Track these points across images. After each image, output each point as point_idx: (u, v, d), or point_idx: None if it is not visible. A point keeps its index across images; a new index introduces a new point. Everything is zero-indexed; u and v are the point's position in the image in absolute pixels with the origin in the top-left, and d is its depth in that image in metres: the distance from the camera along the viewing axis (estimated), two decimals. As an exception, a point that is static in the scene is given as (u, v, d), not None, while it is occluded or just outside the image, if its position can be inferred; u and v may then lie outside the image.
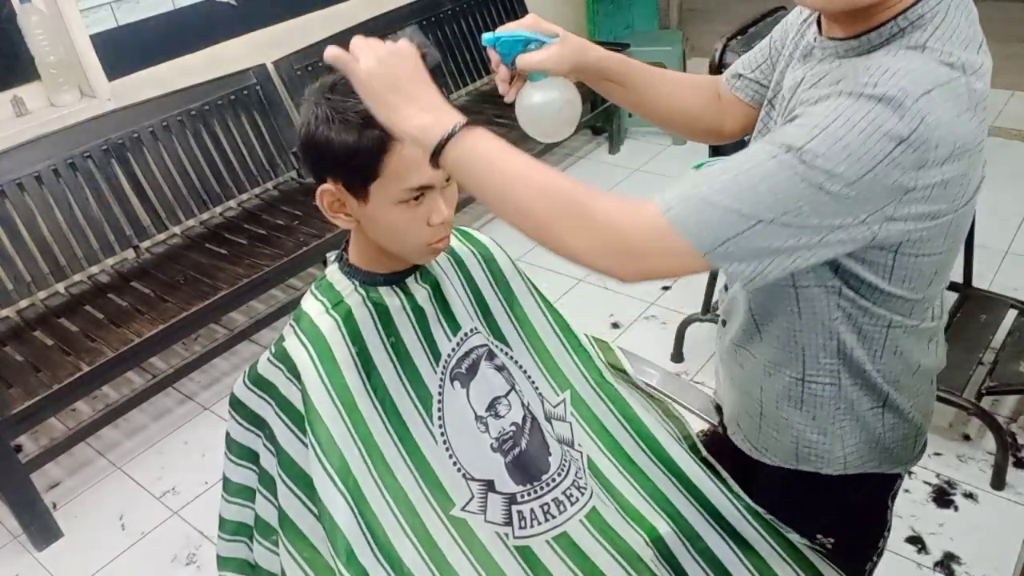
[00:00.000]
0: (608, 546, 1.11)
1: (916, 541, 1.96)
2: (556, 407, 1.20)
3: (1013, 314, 2.36)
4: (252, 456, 1.14)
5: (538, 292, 1.24)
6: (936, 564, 1.90)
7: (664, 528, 1.15)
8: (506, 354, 1.17)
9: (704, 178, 0.82)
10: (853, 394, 1.04)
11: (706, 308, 2.56)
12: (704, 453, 1.23)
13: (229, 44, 2.95)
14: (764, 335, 1.07)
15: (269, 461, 1.10)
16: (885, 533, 1.20)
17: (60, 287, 2.58)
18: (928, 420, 1.12)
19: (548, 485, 1.12)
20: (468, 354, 1.12)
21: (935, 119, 0.76)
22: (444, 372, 1.10)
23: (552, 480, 1.12)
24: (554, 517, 1.11)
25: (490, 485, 1.10)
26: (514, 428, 1.12)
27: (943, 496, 2.06)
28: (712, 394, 1.40)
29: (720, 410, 1.29)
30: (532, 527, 1.10)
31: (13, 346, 2.36)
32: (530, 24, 1.07)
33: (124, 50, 2.67)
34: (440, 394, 1.09)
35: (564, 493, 1.12)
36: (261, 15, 3.02)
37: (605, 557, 1.10)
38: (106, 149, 2.59)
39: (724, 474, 1.21)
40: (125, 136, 2.63)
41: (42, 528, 2.21)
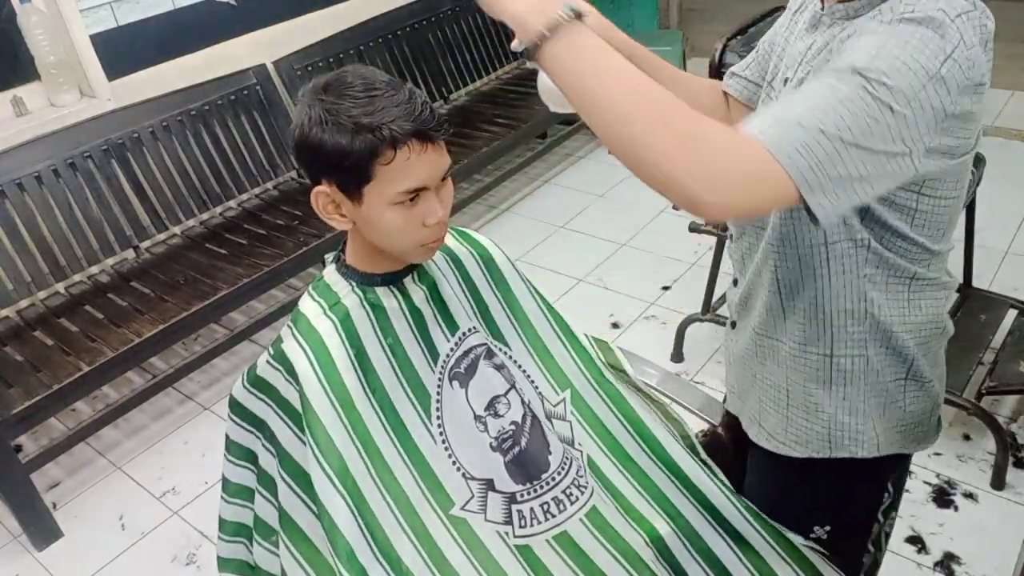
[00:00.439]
0: (608, 545, 1.11)
1: (916, 541, 1.96)
2: (556, 406, 1.20)
3: (1013, 314, 2.35)
4: (251, 457, 1.14)
5: (537, 292, 1.24)
6: (936, 564, 1.90)
7: (664, 528, 1.15)
8: (505, 354, 1.17)
9: (786, 105, 0.83)
10: (879, 363, 1.06)
11: (706, 308, 2.56)
12: (703, 454, 1.23)
13: (229, 44, 2.95)
14: (789, 313, 1.08)
15: (268, 462, 1.11)
16: (880, 517, 1.21)
17: (60, 287, 2.58)
18: (943, 390, 1.15)
19: (548, 484, 1.12)
20: (467, 354, 1.12)
21: (970, 39, 0.82)
22: (443, 372, 1.10)
23: (552, 479, 1.12)
24: (554, 516, 1.11)
25: (490, 484, 1.10)
26: (513, 427, 1.12)
27: (943, 496, 2.06)
28: (721, 402, 1.40)
29: (725, 410, 1.30)
30: (532, 526, 1.10)
31: (13, 346, 2.36)
32: None
33: (124, 50, 2.67)
34: (439, 394, 1.09)
35: (564, 492, 1.12)
36: (261, 15, 3.02)
37: (605, 556, 1.10)
38: (106, 149, 2.59)
39: (722, 475, 1.21)
40: (125, 136, 2.63)
41: (42, 528, 2.21)
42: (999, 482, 2.06)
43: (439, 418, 1.09)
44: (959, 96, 0.83)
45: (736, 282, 1.19)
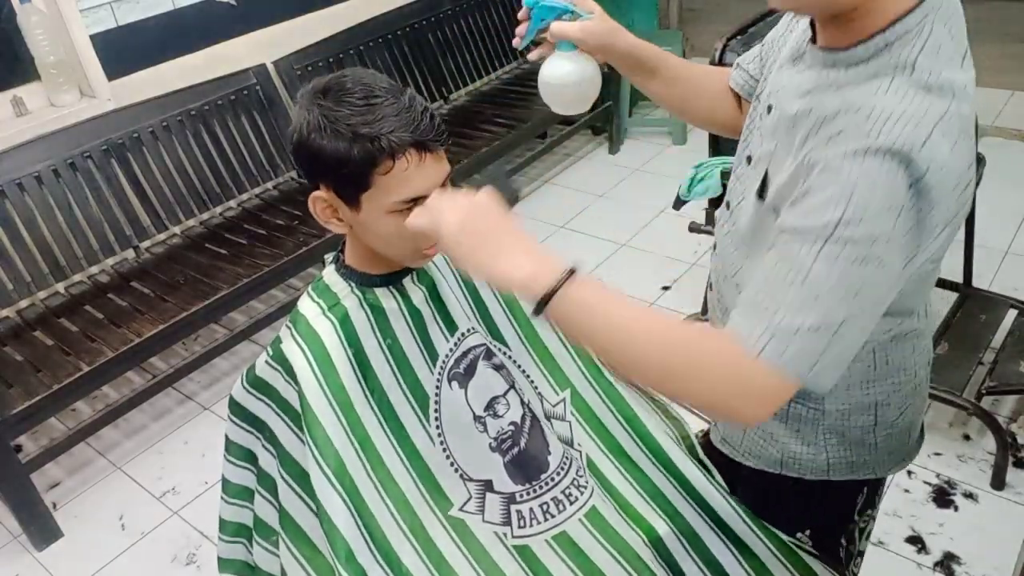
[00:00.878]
0: (607, 545, 1.11)
1: (916, 541, 1.96)
2: (556, 406, 1.20)
3: (1013, 314, 2.35)
4: (251, 457, 1.14)
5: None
6: (936, 564, 1.90)
7: (663, 528, 1.15)
8: (504, 354, 1.17)
9: (774, 305, 0.80)
10: (838, 416, 1.03)
11: (705, 308, 2.56)
12: (701, 455, 1.23)
13: (229, 44, 2.95)
14: None
15: (268, 462, 1.11)
16: (855, 516, 1.18)
17: (60, 287, 2.58)
18: (921, 415, 1.12)
19: (547, 484, 1.12)
20: (466, 354, 1.11)
21: (940, 161, 0.76)
22: (441, 373, 1.10)
23: (551, 479, 1.12)
24: (553, 516, 1.11)
25: (488, 485, 1.10)
26: (513, 427, 1.12)
27: (943, 496, 2.06)
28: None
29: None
30: (531, 526, 1.10)
31: (13, 346, 2.36)
32: None
33: (124, 50, 2.67)
34: (437, 395, 1.09)
35: (563, 492, 1.12)
36: (261, 15, 3.02)
37: (604, 556, 1.10)
38: (106, 149, 2.59)
39: (719, 478, 1.21)
40: (125, 136, 2.63)
41: (42, 528, 2.21)
42: (999, 482, 2.06)
43: (437, 419, 1.09)
44: (939, 206, 0.78)
45: (712, 285, 1.18)
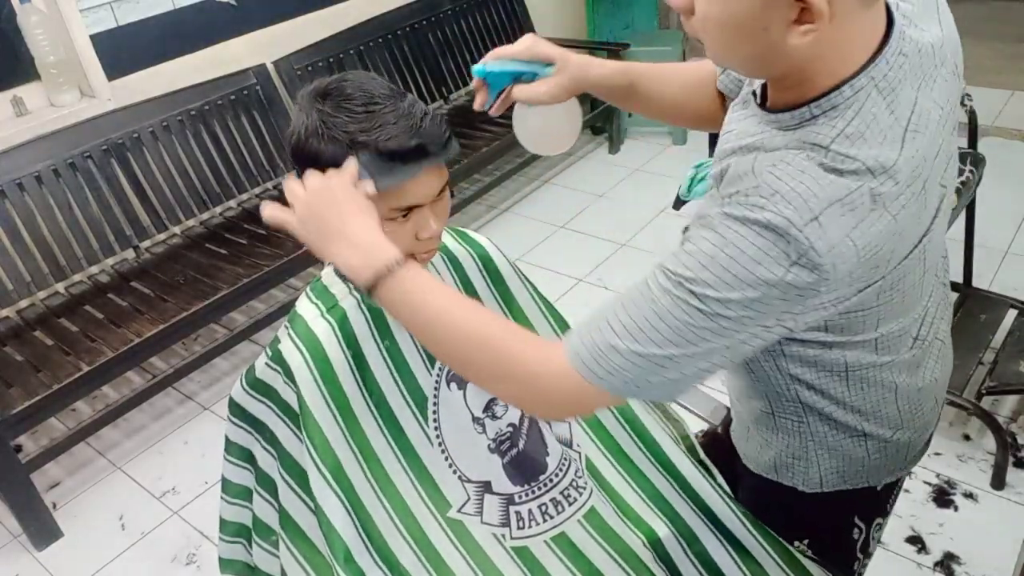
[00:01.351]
0: (607, 546, 1.11)
1: (916, 541, 1.96)
2: (555, 407, 1.20)
3: (1013, 314, 2.35)
4: (250, 457, 1.14)
5: (536, 292, 1.23)
6: (936, 564, 1.90)
7: (663, 530, 1.14)
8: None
9: (606, 318, 0.82)
10: (825, 431, 1.01)
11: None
12: (702, 456, 1.23)
13: (229, 44, 2.95)
14: (729, 372, 1.07)
15: (267, 462, 1.10)
16: (861, 524, 1.15)
17: (60, 287, 2.58)
18: (924, 432, 1.07)
19: (546, 485, 1.12)
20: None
21: (824, 244, 0.73)
22: (440, 375, 1.09)
23: (550, 480, 1.12)
24: (552, 517, 1.11)
25: (487, 486, 1.10)
26: (511, 429, 1.12)
27: (943, 496, 2.06)
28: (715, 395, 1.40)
29: (727, 410, 1.29)
30: (530, 527, 1.10)
31: (13, 346, 2.36)
32: (524, 49, 1.04)
33: (124, 50, 2.67)
34: (435, 396, 1.09)
35: (562, 493, 1.12)
36: (261, 15, 3.02)
37: (603, 557, 1.10)
38: (106, 149, 2.59)
39: (720, 479, 1.21)
40: (125, 136, 2.63)
41: (42, 528, 2.21)
42: (999, 482, 2.06)
43: (435, 421, 1.09)
44: (829, 284, 0.75)
45: None
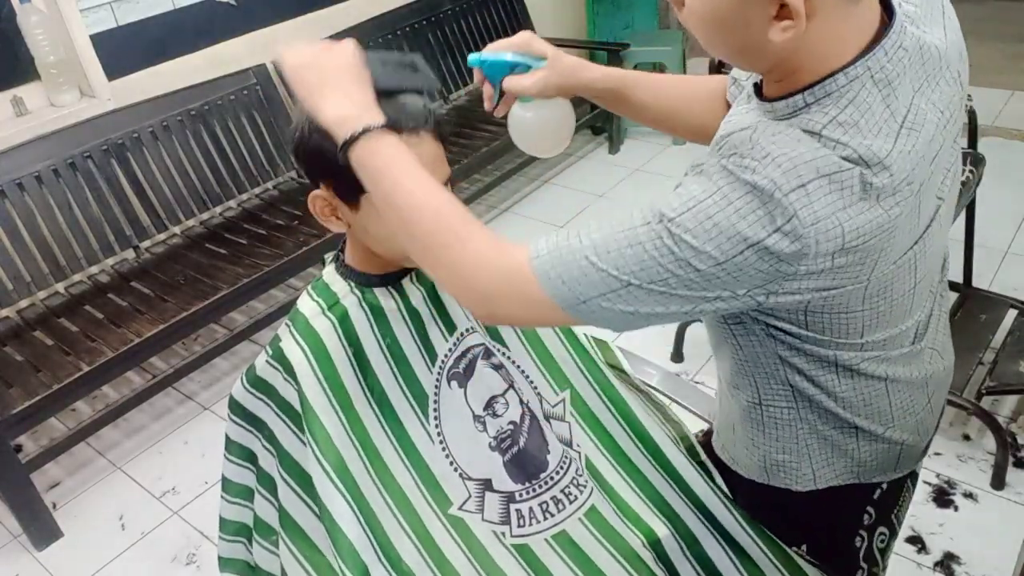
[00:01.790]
0: (607, 544, 1.11)
1: (916, 541, 1.96)
2: (555, 407, 1.20)
3: (1013, 314, 2.35)
4: (251, 457, 1.14)
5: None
6: (936, 564, 1.90)
7: (662, 531, 1.14)
8: (503, 354, 1.17)
9: (580, 231, 0.81)
10: (814, 419, 0.98)
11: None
12: (702, 456, 1.23)
13: (229, 44, 2.95)
14: (719, 356, 1.05)
15: (268, 461, 1.11)
16: (862, 533, 1.12)
17: (60, 287, 2.58)
18: (918, 435, 1.04)
19: (547, 483, 1.12)
20: (464, 354, 1.12)
21: (809, 214, 0.72)
22: (440, 372, 1.10)
23: (551, 478, 1.12)
24: (553, 515, 1.11)
25: (487, 484, 1.10)
26: (512, 427, 1.12)
27: (943, 496, 2.06)
28: (714, 395, 1.39)
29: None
30: (531, 525, 1.10)
31: (13, 346, 2.36)
32: (521, 43, 1.05)
33: (124, 50, 2.67)
34: (436, 394, 1.09)
35: (563, 491, 1.12)
36: (261, 15, 3.02)
37: (604, 555, 1.10)
38: (106, 149, 2.59)
39: (719, 480, 1.21)
40: (125, 136, 2.63)
41: (42, 528, 2.21)
42: (999, 482, 2.06)
43: (436, 418, 1.09)
44: (808, 260, 0.74)
45: None
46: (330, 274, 1.10)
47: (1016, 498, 2.04)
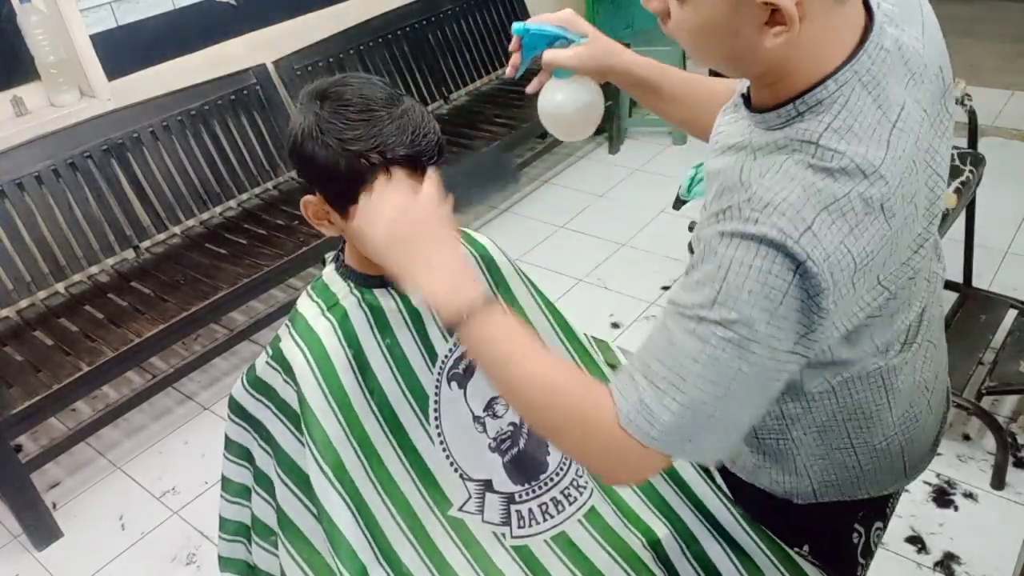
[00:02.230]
0: (607, 545, 1.11)
1: (916, 541, 1.96)
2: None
3: (1013, 314, 2.35)
4: (249, 456, 1.14)
5: (538, 292, 1.24)
6: (936, 564, 1.90)
7: (662, 531, 1.14)
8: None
9: (647, 374, 0.81)
10: (811, 442, 0.99)
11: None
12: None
13: (229, 44, 2.95)
14: None
15: (265, 461, 1.11)
16: (859, 527, 1.13)
17: (60, 287, 2.58)
18: (921, 442, 1.04)
19: (547, 484, 1.12)
20: (464, 354, 1.11)
21: (821, 253, 0.72)
22: (440, 373, 1.10)
23: (551, 479, 1.12)
24: (553, 517, 1.11)
25: (488, 485, 1.10)
26: (512, 428, 1.12)
27: (943, 496, 2.06)
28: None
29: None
30: (531, 526, 1.10)
31: (13, 346, 2.36)
32: (564, 19, 1.06)
33: (124, 50, 2.67)
34: (436, 395, 1.09)
35: (563, 492, 1.12)
36: (261, 15, 3.02)
37: (604, 556, 1.10)
38: (106, 149, 2.59)
39: (719, 480, 1.21)
40: (125, 136, 2.63)
41: (42, 528, 2.21)
42: (999, 482, 2.06)
43: (437, 419, 1.09)
44: (829, 292, 0.74)
45: None
46: (330, 274, 1.10)
47: (1016, 498, 2.04)
